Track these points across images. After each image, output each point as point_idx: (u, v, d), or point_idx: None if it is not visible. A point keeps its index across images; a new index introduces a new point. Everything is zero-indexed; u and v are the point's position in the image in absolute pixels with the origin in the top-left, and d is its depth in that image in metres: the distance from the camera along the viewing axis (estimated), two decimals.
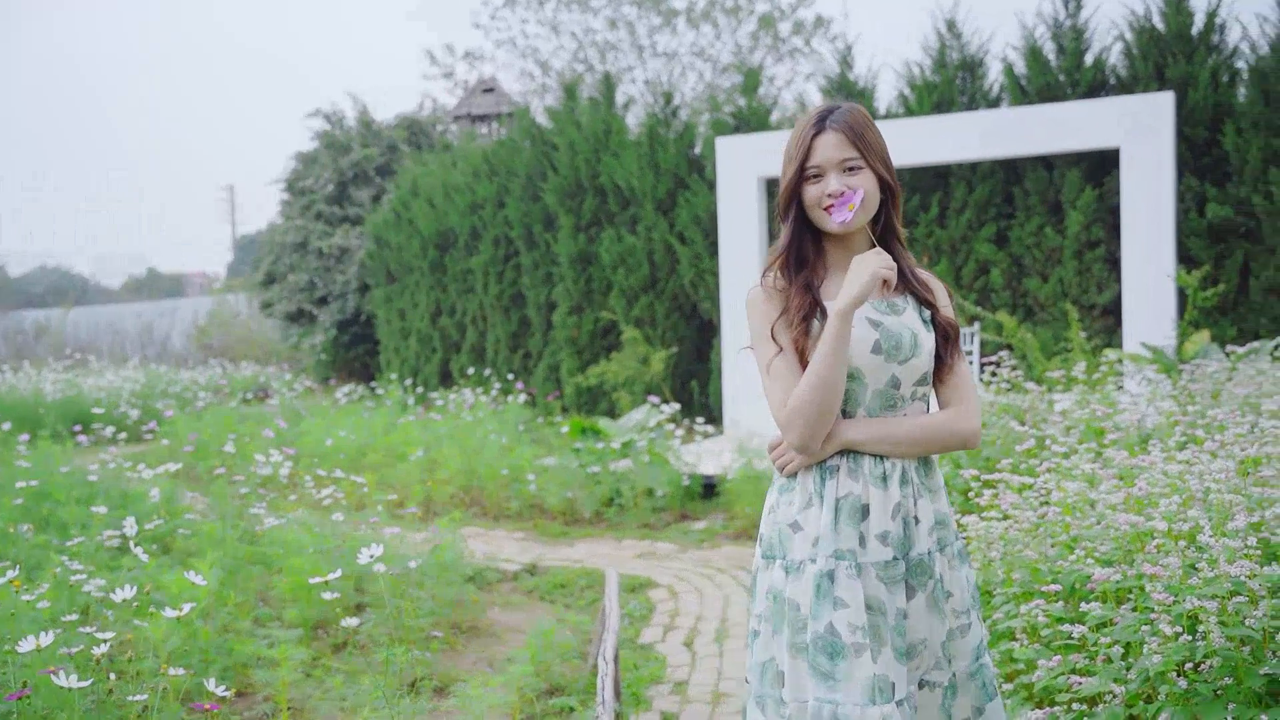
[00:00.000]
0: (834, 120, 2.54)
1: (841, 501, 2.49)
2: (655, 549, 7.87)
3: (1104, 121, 10.16)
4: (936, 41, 11.90)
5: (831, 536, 2.48)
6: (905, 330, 2.54)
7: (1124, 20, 11.05)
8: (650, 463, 9.00)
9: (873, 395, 2.54)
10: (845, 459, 2.52)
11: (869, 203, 2.53)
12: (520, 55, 28.48)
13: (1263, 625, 2.78)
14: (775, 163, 11.48)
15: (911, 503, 2.54)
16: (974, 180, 11.38)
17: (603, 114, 14.04)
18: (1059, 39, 11.30)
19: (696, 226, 12.70)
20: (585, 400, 13.43)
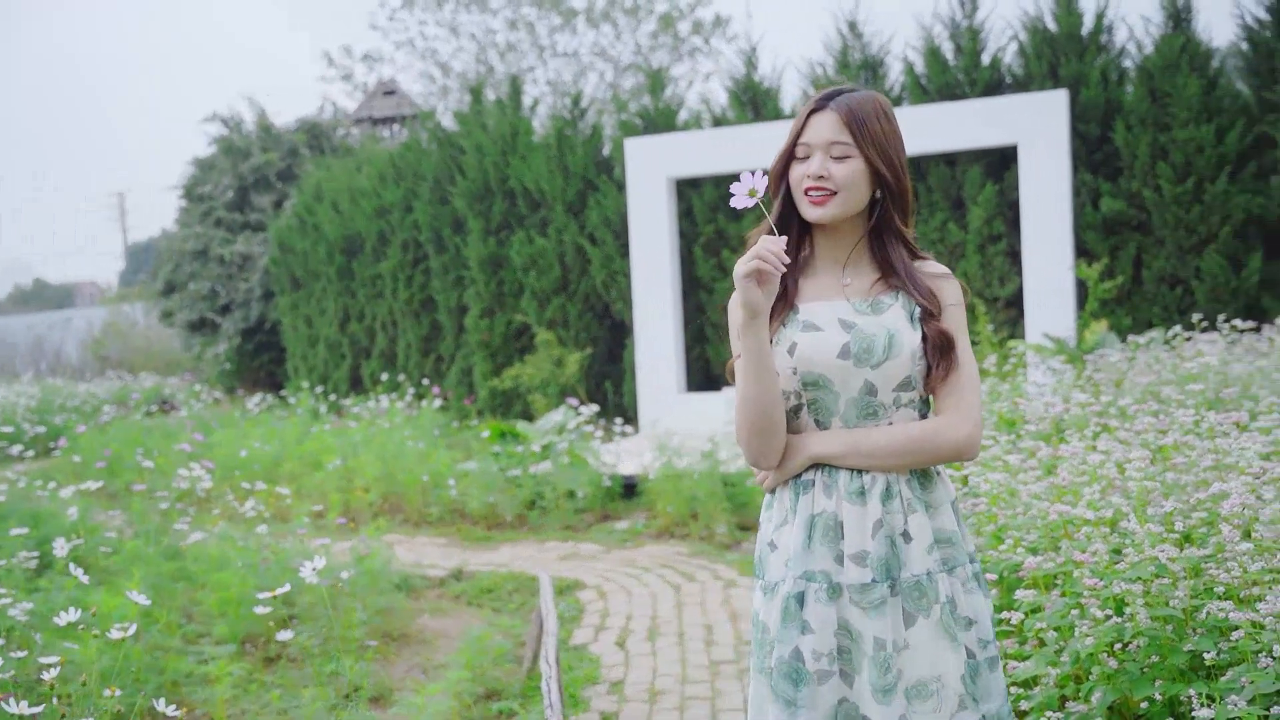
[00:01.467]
0: (837, 101, 2.33)
1: (815, 519, 2.32)
2: (579, 550, 7.93)
3: (1002, 119, 10.47)
4: (839, 42, 12.13)
5: (801, 556, 2.30)
6: (881, 331, 2.31)
7: (1018, 21, 11.39)
8: (570, 465, 9.05)
9: (847, 404, 2.33)
10: (820, 473, 2.34)
11: (851, 197, 2.32)
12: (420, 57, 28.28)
13: (1184, 605, 2.93)
14: (684, 163, 11.63)
15: (900, 519, 2.30)
16: None
17: (510, 116, 14.04)
18: (957, 39, 11.59)
19: (607, 228, 12.76)
20: (500, 403, 13.42)
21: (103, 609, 4.65)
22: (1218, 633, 2.90)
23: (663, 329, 11.71)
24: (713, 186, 12.31)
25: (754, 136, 11.53)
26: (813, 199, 2.32)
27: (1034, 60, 11.14)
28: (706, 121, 12.71)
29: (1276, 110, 10.36)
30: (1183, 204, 10.39)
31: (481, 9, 27.74)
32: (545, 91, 26.97)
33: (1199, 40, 10.64)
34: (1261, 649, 2.64)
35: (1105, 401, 4.75)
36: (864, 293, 2.39)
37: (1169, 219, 10.46)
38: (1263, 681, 2.56)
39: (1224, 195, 10.26)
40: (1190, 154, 10.36)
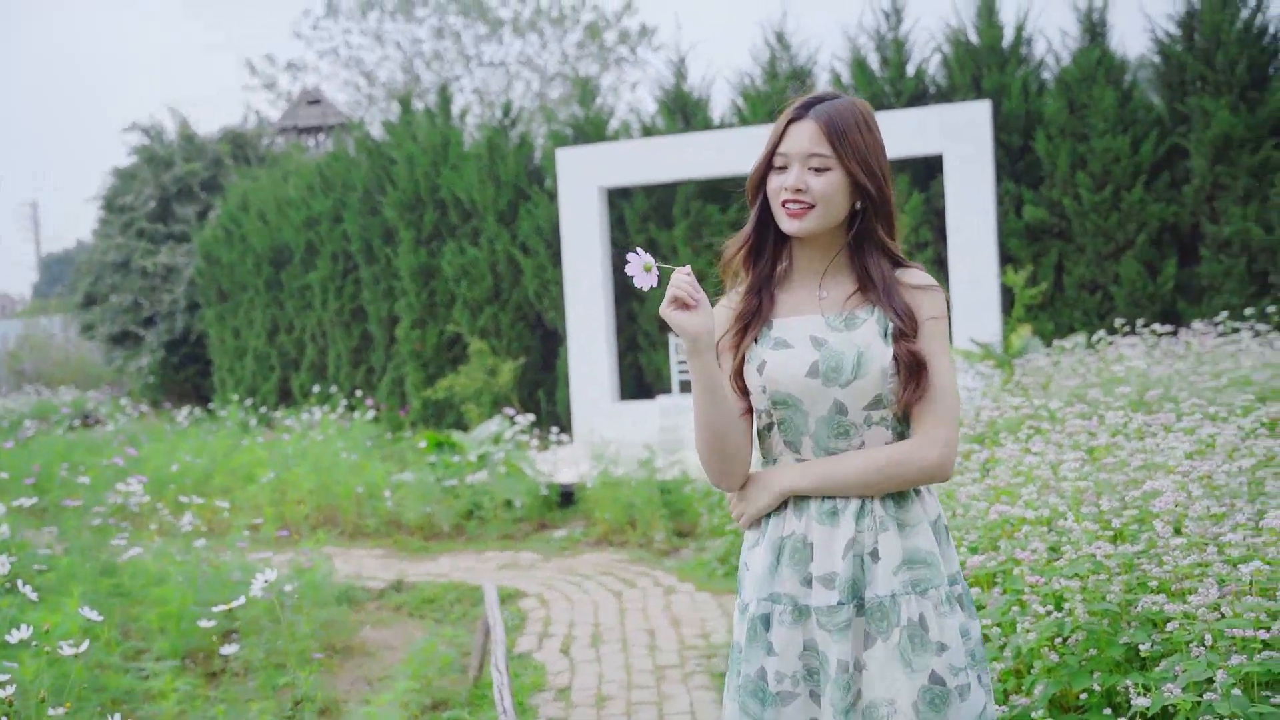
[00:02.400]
0: (817, 110, 2.25)
1: (785, 541, 2.28)
2: (519, 559, 7.95)
3: (927, 129, 10.70)
4: (767, 53, 12.29)
5: (767, 579, 2.27)
6: (851, 349, 2.25)
7: (941, 33, 11.65)
8: (507, 474, 9.07)
9: (817, 424, 2.27)
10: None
11: (830, 210, 2.25)
12: (344, 66, 28.07)
13: (1120, 599, 3.06)
14: (616, 173, 11.71)
15: (870, 537, 2.24)
16: None
17: (440, 126, 14.02)
18: (882, 51, 11.82)
19: (539, 237, 12.80)
20: (432, 414, 13.38)
21: (39, 626, 4.60)
22: (1151, 625, 3.03)
23: (595, 338, 11.78)
24: (644, 196, 12.40)
25: (684, 146, 11.65)
26: (790, 211, 2.25)
27: (957, 72, 11.40)
28: (637, 131, 12.80)
29: (1187, 122, 10.71)
30: (1101, 212, 10.70)
31: (407, 18, 27.61)
32: (472, 101, 26.91)
33: (1114, 53, 10.96)
34: (1194, 639, 2.77)
35: (1037, 405, 4.90)
36: (839, 306, 2.31)
37: (1088, 226, 10.76)
38: (1195, 669, 2.68)
39: (1140, 204, 10.58)
40: (1108, 163, 10.67)
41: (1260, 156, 10.25)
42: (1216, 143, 10.34)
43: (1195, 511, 3.11)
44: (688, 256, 12.07)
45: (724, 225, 12.01)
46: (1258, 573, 2.73)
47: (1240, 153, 10.31)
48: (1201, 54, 10.63)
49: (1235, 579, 2.81)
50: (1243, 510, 3.18)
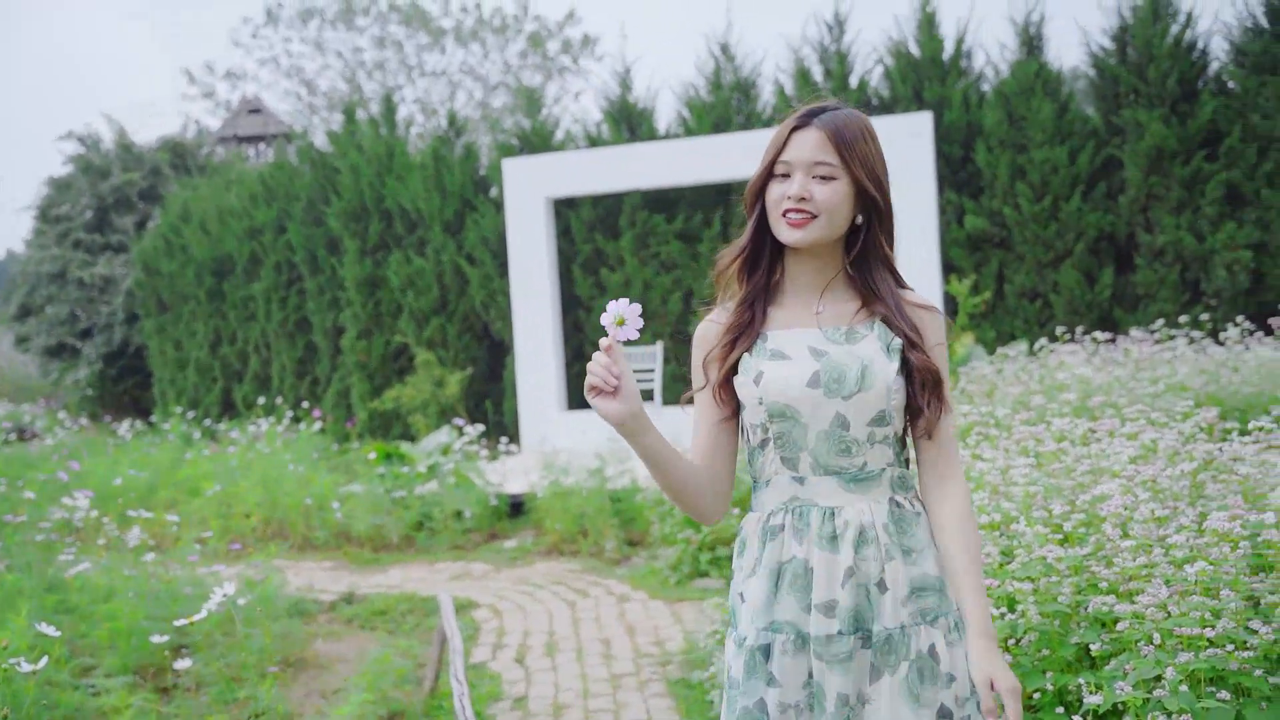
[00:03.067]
0: (822, 119, 2.16)
1: (784, 567, 2.17)
2: (470, 570, 7.95)
3: None
4: (712, 63, 12.40)
5: (766, 608, 2.16)
6: (854, 361, 2.16)
7: (883, 45, 11.82)
8: (457, 485, 9.06)
9: (817, 438, 2.16)
10: (790, 515, 2.18)
11: (833, 221, 2.15)
12: (285, 75, 27.86)
13: (1070, 600, 3.15)
14: (562, 183, 11.75)
15: (875, 566, 2.14)
16: None
17: (385, 136, 13.97)
18: (825, 62, 11.97)
19: (485, 247, 12.80)
20: (379, 425, 13.31)
21: None
22: (1101, 625, 3.12)
23: (543, 348, 11.80)
24: (590, 206, 12.45)
25: (631, 156, 11.72)
26: (791, 221, 2.15)
27: (899, 83, 11.57)
28: (583, 141, 12.85)
29: (1122, 134, 10.95)
30: (1040, 221, 10.91)
31: (348, 27, 27.47)
32: (414, 110, 26.82)
33: (1051, 66, 11.19)
34: (1142, 638, 2.86)
35: (984, 411, 5.01)
36: (838, 321, 2.22)
37: (1028, 236, 10.96)
38: (1144, 668, 2.77)
39: (1077, 213, 10.80)
40: (1046, 174, 10.88)
41: (1191, 168, 10.51)
42: (1150, 154, 10.58)
43: (1141, 514, 3.20)
44: (634, 267, 12.13)
45: (670, 235, 12.09)
46: (1202, 573, 2.82)
47: (1172, 164, 10.56)
48: (1134, 68, 10.89)
49: (1181, 579, 2.91)
50: (1185, 513, 3.29)
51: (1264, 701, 2.73)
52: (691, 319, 12.08)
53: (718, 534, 7.01)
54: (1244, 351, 7.18)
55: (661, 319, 12.22)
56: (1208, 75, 10.94)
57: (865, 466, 2.17)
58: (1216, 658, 2.71)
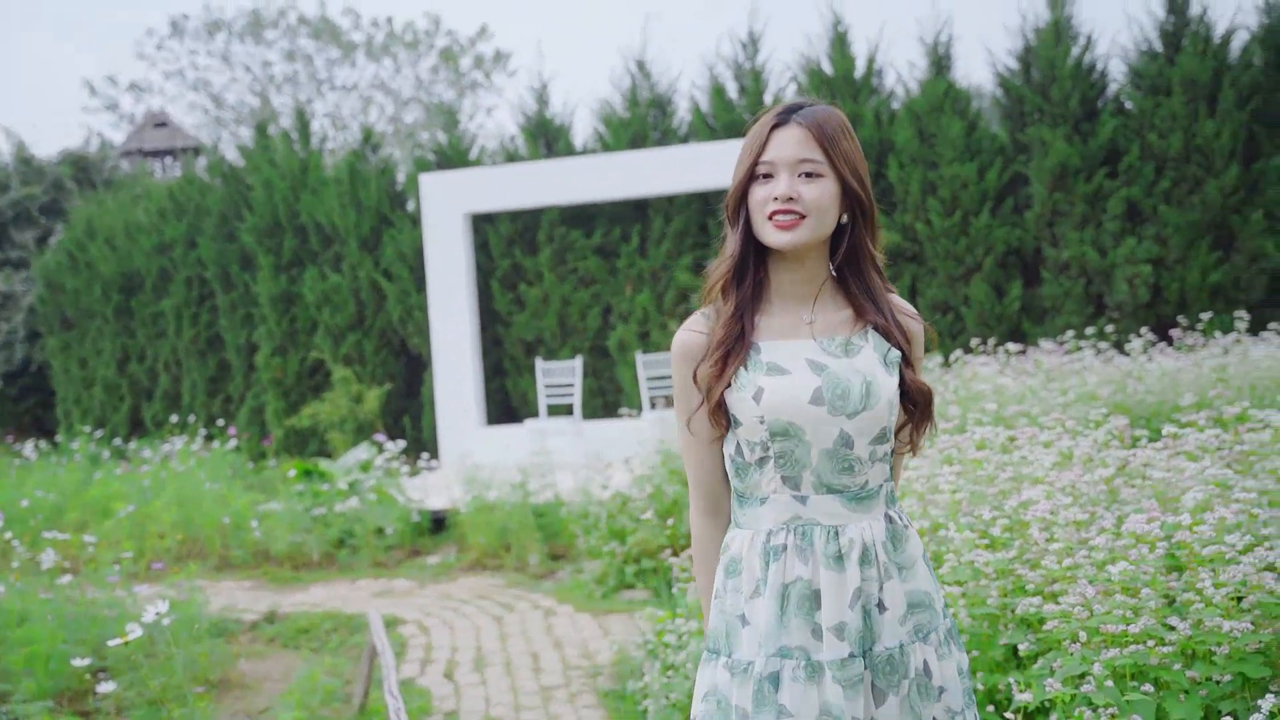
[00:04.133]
0: (802, 115, 2.08)
1: (789, 588, 2.07)
2: (393, 587, 7.90)
3: None
4: (628, 80, 12.50)
5: (775, 631, 2.06)
6: (856, 377, 2.07)
7: (797, 64, 12.02)
8: (378, 501, 9.00)
9: (820, 457, 2.07)
10: (792, 534, 2.09)
11: (822, 220, 2.07)
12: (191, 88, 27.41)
13: (999, 603, 3.26)
14: (481, 198, 11.75)
15: (875, 586, 2.09)
16: (671, 212, 12.02)
17: (299, 151, 13.84)
18: (740, 80, 12.13)
19: (403, 263, 12.73)
20: (294, 442, 13.15)
21: None
22: (1029, 626, 3.24)
23: (462, 363, 11.77)
24: (509, 221, 12.46)
25: (548, 172, 11.76)
26: (779, 223, 2.06)
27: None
28: (500, 157, 12.86)
29: (1028, 151, 11.27)
30: (951, 236, 11.17)
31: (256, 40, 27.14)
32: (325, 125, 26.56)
33: (959, 85, 11.49)
34: (1069, 637, 2.97)
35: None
36: (832, 331, 2.14)
37: (939, 250, 11.22)
38: (1070, 665, 2.88)
39: (986, 228, 11.09)
40: (956, 190, 11.16)
41: (1094, 185, 10.85)
42: (1054, 171, 10.91)
43: (1063, 519, 3.33)
44: (552, 282, 12.16)
45: (588, 251, 12.14)
46: (1124, 573, 2.94)
47: (1076, 180, 10.89)
48: (1038, 88, 11.22)
49: (1104, 579, 3.03)
50: (1105, 517, 3.42)
51: (1182, 694, 2.85)
52: (610, 334, 12.14)
53: (643, 546, 7.07)
54: (1148, 362, 7.45)
55: (580, 334, 12.26)
56: (1107, 95, 11.31)
57: (866, 485, 2.10)
58: (1138, 654, 2.83)
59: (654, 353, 11.81)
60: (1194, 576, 3.00)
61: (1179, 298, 10.73)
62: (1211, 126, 10.56)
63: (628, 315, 12.12)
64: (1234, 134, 10.57)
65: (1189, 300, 10.67)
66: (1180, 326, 9.98)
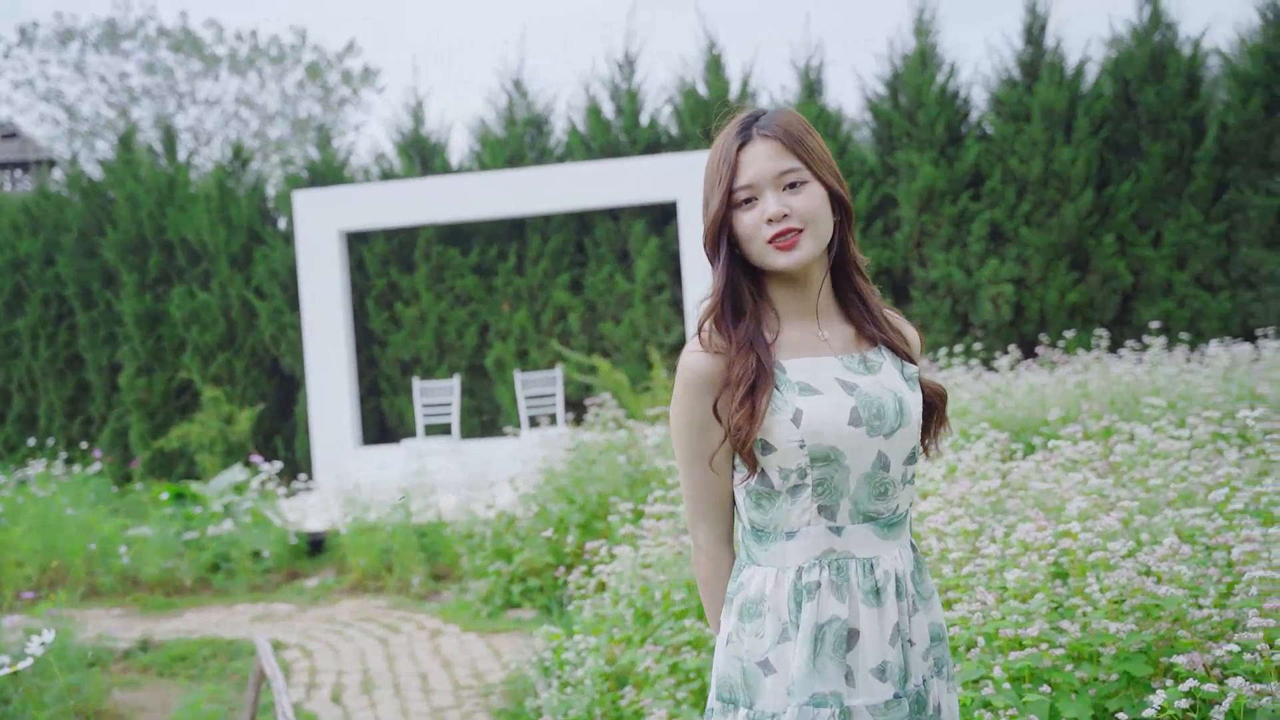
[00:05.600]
0: (763, 126, 1.95)
1: (824, 629, 1.91)
2: (273, 611, 7.74)
3: (662, 176, 11.17)
4: (505, 98, 12.50)
5: (808, 677, 1.89)
6: (888, 394, 1.96)
7: (673, 85, 12.18)
8: (254, 524, 8.80)
9: (859, 482, 1.93)
10: (827, 569, 1.92)
11: (820, 227, 1.94)
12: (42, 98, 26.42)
13: None
14: (355, 216, 11.61)
15: (907, 620, 1.97)
16: (548, 231, 12.05)
17: (165, 165, 13.47)
18: (617, 100, 12.25)
19: (275, 281, 12.49)
20: (161, 465, 12.75)
21: None
22: None
23: (337, 382, 11.59)
24: (384, 239, 12.33)
25: (425, 190, 11.69)
26: (780, 245, 1.92)
27: (689, 121, 11.95)
28: (375, 174, 12.72)
29: (896, 174, 11.62)
30: None
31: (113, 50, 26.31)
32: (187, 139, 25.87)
33: (831, 109, 11.79)
34: (968, 643, 3.09)
35: None
36: (847, 347, 2.02)
37: None
38: (970, 669, 3.00)
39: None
40: None
41: (959, 207, 11.24)
42: (922, 194, 11.27)
43: (955, 529, 3.45)
44: (429, 301, 12.07)
45: (466, 269, 12.09)
46: (1019, 580, 3.07)
47: (942, 203, 11.27)
48: (906, 113, 11.58)
49: (998, 587, 3.16)
50: (994, 526, 3.56)
51: (1073, 694, 2.99)
52: (488, 353, 12.10)
53: (530, 565, 7.06)
54: (1015, 378, 7.74)
55: (458, 353, 12.19)
56: (970, 122, 11.74)
57: (898, 510, 1.98)
58: (1033, 656, 2.96)
59: (532, 371, 11.81)
60: (1080, 582, 3.14)
61: (1039, 316, 11.17)
62: (1068, 153, 11.04)
63: (506, 334, 12.10)
64: (1088, 160, 11.07)
65: (1049, 318, 11.11)
66: (1044, 344, 10.39)
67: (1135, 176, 11.12)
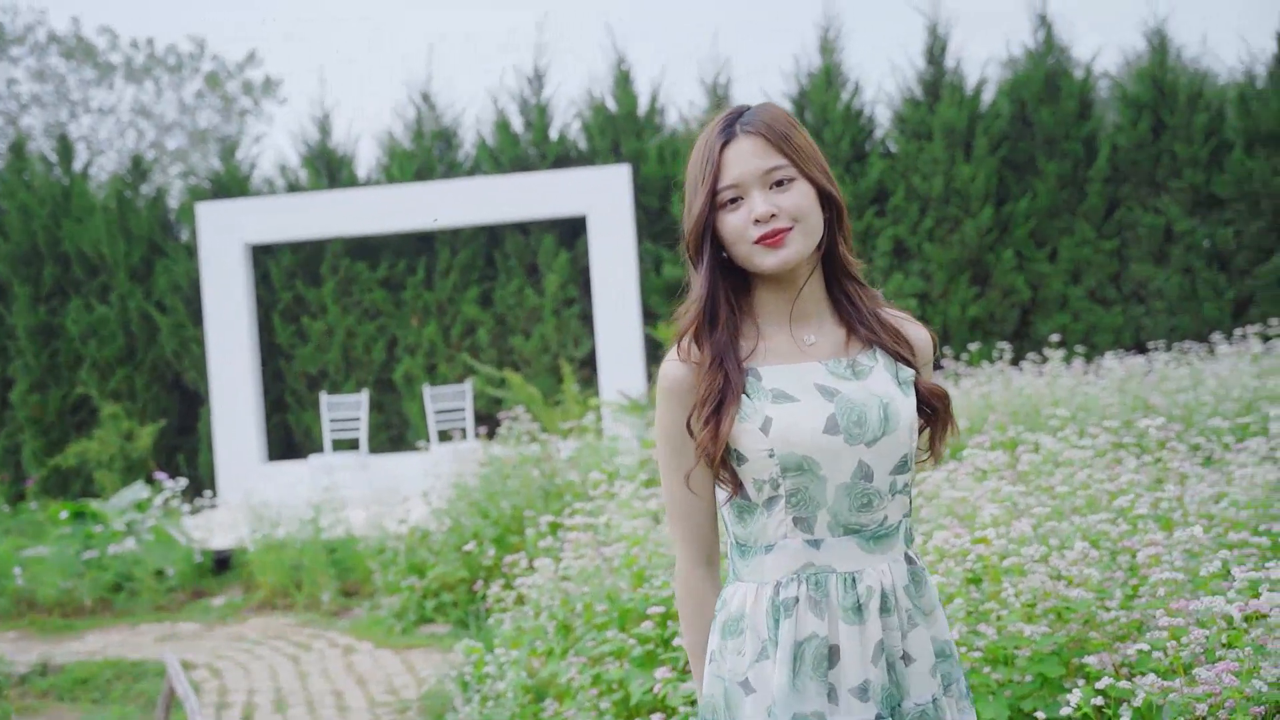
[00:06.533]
0: (747, 123, 1.89)
1: (803, 646, 1.85)
2: (178, 630, 7.58)
3: (572, 191, 11.22)
4: (413, 111, 12.44)
5: (789, 697, 1.83)
6: (872, 400, 1.87)
7: (582, 100, 12.24)
8: (157, 542, 8.61)
9: (837, 493, 1.86)
10: (805, 585, 1.86)
11: (809, 224, 1.88)
12: None
13: None
14: (261, 228, 11.45)
15: (898, 636, 1.88)
16: (457, 245, 12.00)
17: (60, 175, 13.13)
18: (526, 114, 12.26)
19: (177, 294, 12.24)
20: (56, 483, 12.39)
21: None
22: None
23: (242, 398, 11.40)
24: (291, 252, 12.17)
25: (332, 202, 11.58)
26: (769, 243, 1.86)
27: (598, 136, 12.01)
28: (281, 186, 12.55)
29: None
30: None
31: None
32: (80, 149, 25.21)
33: None
34: None
35: None
36: (836, 352, 1.94)
37: None
38: None
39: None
40: None
41: (864, 223, 11.46)
42: None
43: None
44: (337, 315, 11.94)
45: (374, 283, 11.99)
46: (937, 586, 3.16)
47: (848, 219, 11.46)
48: (813, 130, 11.77)
49: None
50: None
51: (990, 695, 3.08)
52: (396, 367, 12.00)
53: (443, 580, 7.02)
54: None
55: (366, 367, 12.07)
56: (874, 139, 11.98)
57: (885, 521, 1.89)
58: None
59: (441, 385, 11.74)
60: (995, 586, 3.24)
61: (943, 330, 11.43)
62: (968, 170, 11.33)
63: (414, 348, 12.02)
64: (987, 178, 11.37)
65: (952, 332, 11.37)
66: (948, 356, 10.63)
67: (1032, 194, 11.45)
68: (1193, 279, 11.17)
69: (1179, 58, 11.61)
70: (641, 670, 3.80)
